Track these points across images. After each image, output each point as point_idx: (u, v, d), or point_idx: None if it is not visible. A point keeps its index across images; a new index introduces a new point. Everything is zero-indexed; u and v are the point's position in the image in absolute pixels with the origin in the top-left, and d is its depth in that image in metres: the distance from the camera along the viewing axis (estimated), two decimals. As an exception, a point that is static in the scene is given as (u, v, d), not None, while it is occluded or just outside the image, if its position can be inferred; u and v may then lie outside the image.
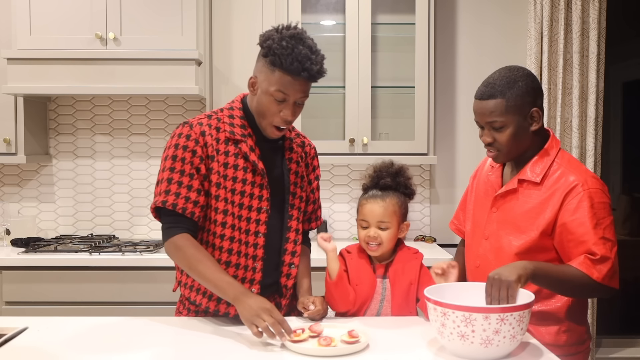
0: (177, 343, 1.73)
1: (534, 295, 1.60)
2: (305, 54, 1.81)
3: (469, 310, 1.50)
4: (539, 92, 1.92)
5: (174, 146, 1.85)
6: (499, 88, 1.86)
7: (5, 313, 3.02)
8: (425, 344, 1.72)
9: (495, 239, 1.98)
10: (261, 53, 1.85)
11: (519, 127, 1.88)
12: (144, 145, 3.64)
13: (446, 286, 1.77)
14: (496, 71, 1.93)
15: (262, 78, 1.84)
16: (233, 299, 1.74)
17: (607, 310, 3.81)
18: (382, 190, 1.97)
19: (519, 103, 1.86)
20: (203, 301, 1.92)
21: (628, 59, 4.00)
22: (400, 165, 2.02)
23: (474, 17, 3.64)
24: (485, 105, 1.88)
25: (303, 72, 1.80)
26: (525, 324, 1.56)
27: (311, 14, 3.47)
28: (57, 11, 3.18)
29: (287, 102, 1.84)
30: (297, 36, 1.84)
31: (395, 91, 3.53)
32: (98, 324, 1.90)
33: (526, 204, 1.92)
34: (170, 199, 1.83)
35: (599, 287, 1.84)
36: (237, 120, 1.91)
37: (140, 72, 3.13)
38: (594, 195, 1.84)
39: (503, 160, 1.96)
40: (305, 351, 1.62)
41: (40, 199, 3.65)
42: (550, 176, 1.90)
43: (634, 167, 4.07)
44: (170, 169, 1.84)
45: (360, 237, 1.98)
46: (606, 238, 1.83)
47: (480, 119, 1.92)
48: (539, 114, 1.90)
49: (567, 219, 1.84)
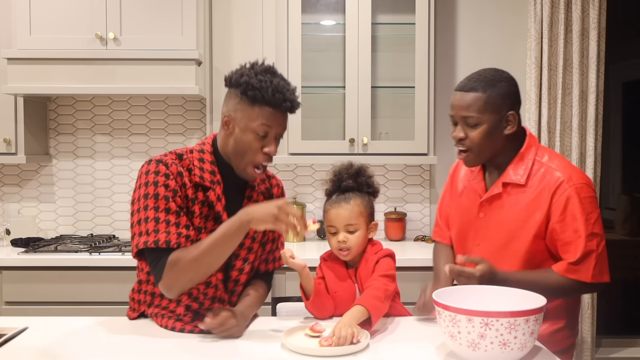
0: (178, 343, 1.73)
1: (545, 300, 1.57)
2: (283, 85, 1.81)
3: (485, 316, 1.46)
4: (517, 98, 1.92)
5: (153, 184, 1.78)
6: (481, 84, 1.87)
7: (5, 313, 3.02)
8: (424, 343, 1.72)
9: (487, 245, 1.97)
10: (236, 91, 1.82)
11: (493, 127, 1.87)
12: (144, 145, 3.64)
13: (454, 290, 1.73)
14: (482, 69, 1.94)
15: (240, 115, 1.81)
16: (244, 224, 1.70)
17: (607, 310, 3.81)
18: (345, 192, 1.95)
19: (498, 102, 1.86)
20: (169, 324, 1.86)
21: (628, 59, 4.00)
22: (360, 165, 1.99)
23: (474, 17, 3.64)
24: (464, 97, 1.87)
25: (285, 102, 1.80)
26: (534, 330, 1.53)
27: (311, 14, 3.47)
28: (57, 11, 3.18)
29: (269, 136, 1.82)
30: (270, 70, 1.84)
31: (395, 91, 3.53)
32: (98, 324, 1.90)
33: (514, 206, 1.91)
34: (162, 237, 1.74)
35: (590, 286, 1.87)
36: (207, 165, 1.86)
37: (140, 72, 3.13)
38: (580, 191, 1.85)
39: (473, 162, 1.94)
40: (305, 351, 1.62)
41: (40, 199, 3.65)
42: (533, 175, 1.90)
43: (634, 167, 4.06)
44: (154, 208, 1.76)
45: (331, 244, 1.95)
46: (594, 233, 1.84)
47: (456, 112, 1.90)
48: (515, 119, 1.89)
49: (557, 218, 1.84)
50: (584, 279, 1.83)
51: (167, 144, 3.64)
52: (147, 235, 1.75)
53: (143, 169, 1.83)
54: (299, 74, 3.27)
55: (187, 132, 3.64)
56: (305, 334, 1.75)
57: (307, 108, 3.35)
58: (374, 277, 1.89)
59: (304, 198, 3.60)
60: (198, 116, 3.64)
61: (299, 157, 3.31)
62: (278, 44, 3.29)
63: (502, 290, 1.70)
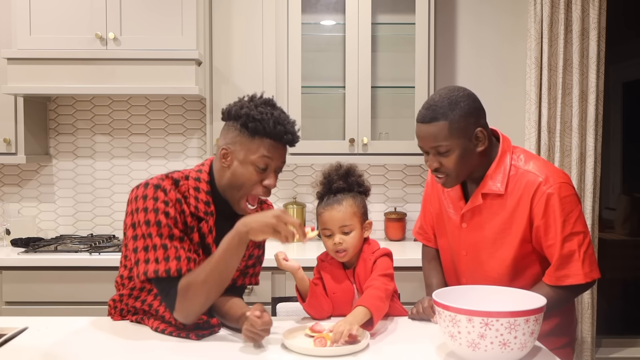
0: (178, 343, 1.73)
1: (545, 300, 1.57)
2: (284, 117, 1.80)
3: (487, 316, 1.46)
4: (481, 112, 1.88)
5: (154, 211, 1.75)
6: (440, 110, 1.81)
7: (5, 313, 3.02)
8: (424, 343, 1.72)
9: (473, 254, 1.97)
10: (236, 124, 1.80)
11: (465, 149, 1.84)
12: (144, 145, 3.64)
13: (455, 289, 1.73)
14: (436, 93, 1.89)
15: (239, 148, 1.79)
16: (243, 237, 1.70)
17: (607, 310, 3.82)
18: (336, 194, 1.94)
19: (462, 125, 1.82)
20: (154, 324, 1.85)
21: (628, 59, 4.00)
22: (349, 165, 1.99)
23: (474, 17, 3.64)
24: (428, 129, 1.83)
25: (286, 134, 1.78)
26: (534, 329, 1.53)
27: (311, 14, 3.47)
28: (57, 11, 3.18)
29: (269, 169, 1.81)
30: (270, 102, 1.83)
31: (395, 91, 3.52)
32: (98, 324, 1.90)
33: (496, 216, 1.91)
34: (173, 265, 1.73)
35: (584, 286, 1.88)
36: (202, 195, 1.83)
37: (140, 72, 3.13)
38: (560, 191, 1.84)
39: (453, 184, 1.92)
40: (305, 351, 1.62)
41: (40, 199, 3.65)
42: (511, 182, 1.88)
43: (634, 167, 4.06)
44: (159, 235, 1.74)
45: (327, 247, 1.95)
46: (575, 232, 1.84)
47: (424, 144, 1.87)
48: (484, 134, 1.86)
49: (539, 220, 1.85)
50: (577, 281, 1.84)
51: (167, 144, 3.64)
52: (157, 263, 1.73)
53: (139, 192, 1.79)
54: (299, 74, 3.27)
55: (187, 132, 3.64)
56: (305, 334, 1.75)
57: (307, 108, 3.35)
58: (373, 276, 1.89)
59: (303, 198, 3.60)
60: (198, 116, 3.64)
61: (299, 157, 3.31)
62: (278, 44, 3.29)
63: (502, 290, 1.70)
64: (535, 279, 1.93)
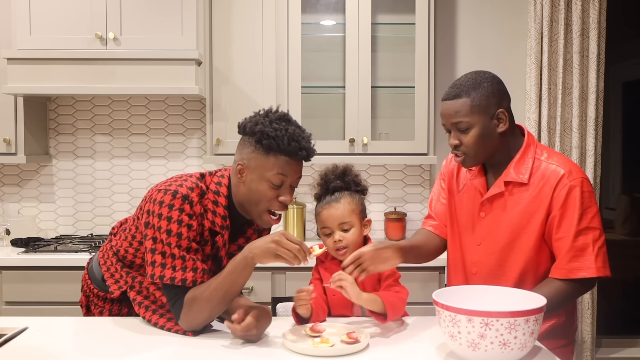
0: (177, 343, 1.73)
1: (545, 299, 1.57)
2: (298, 133, 1.80)
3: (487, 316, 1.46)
4: (504, 94, 1.92)
5: (177, 222, 1.77)
6: (464, 88, 1.88)
7: (5, 313, 3.02)
8: (424, 343, 1.72)
9: (489, 244, 1.97)
10: (251, 139, 1.80)
11: (485, 127, 1.88)
12: (144, 145, 3.64)
13: (454, 289, 1.73)
14: (463, 75, 1.95)
15: (254, 164, 1.79)
16: (249, 262, 1.73)
17: (607, 310, 3.82)
18: (334, 193, 1.97)
19: (484, 103, 1.87)
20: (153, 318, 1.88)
21: (628, 59, 4.00)
22: (345, 165, 2.02)
23: (474, 17, 3.64)
24: (451, 105, 1.89)
25: (301, 151, 1.78)
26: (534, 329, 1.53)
27: (311, 14, 3.47)
28: (57, 11, 3.18)
29: (284, 185, 1.81)
30: (285, 117, 1.83)
31: (395, 91, 3.53)
32: (98, 324, 1.90)
33: (517, 205, 1.92)
34: (189, 276, 1.76)
35: (594, 280, 1.88)
36: (220, 209, 1.85)
37: (140, 72, 3.13)
38: (581, 184, 1.87)
39: (471, 164, 1.95)
40: (306, 351, 1.62)
41: (40, 199, 3.65)
42: (535, 173, 1.91)
43: (634, 167, 4.06)
44: (177, 246, 1.77)
45: (328, 246, 1.96)
46: (591, 227, 1.86)
47: (446, 121, 1.92)
48: (506, 115, 1.90)
49: (557, 210, 1.86)
50: (590, 274, 1.83)
51: (167, 144, 3.64)
52: (174, 271, 1.76)
53: (166, 198, 1.78)
54: (299, 74, 3.27)
55: (187, 132, 3.64)
56: (306, 334, 1.75)
57: (307, 108, 3.35)
58: (389, 282, 1.94)
59: (304, 198, 3.60)
60: (198, 116, 3.64)
61: (299, 157, 3.30)
62: (278, 44, 3.29)
63: (502, 290, 1.70)
64: (547, 276, 1.93)
